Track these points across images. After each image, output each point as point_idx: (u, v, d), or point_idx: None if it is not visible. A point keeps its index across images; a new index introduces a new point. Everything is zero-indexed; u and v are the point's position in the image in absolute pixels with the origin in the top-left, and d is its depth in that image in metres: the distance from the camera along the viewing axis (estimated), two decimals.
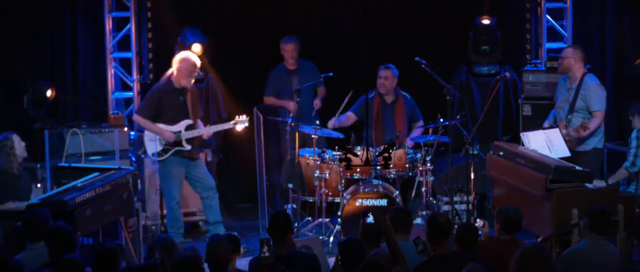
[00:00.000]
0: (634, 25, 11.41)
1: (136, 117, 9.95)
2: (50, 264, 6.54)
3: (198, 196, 10.43)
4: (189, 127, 9.77)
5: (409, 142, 10.38)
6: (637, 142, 8.99)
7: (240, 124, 9.84)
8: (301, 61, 10.98)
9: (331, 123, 10.49)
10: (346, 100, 10.23)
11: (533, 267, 5.60)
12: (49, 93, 10.92)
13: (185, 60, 9.73)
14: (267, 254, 6.55)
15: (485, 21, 11.14)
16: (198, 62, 9.83)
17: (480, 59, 11.32)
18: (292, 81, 10.73)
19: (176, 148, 9.73)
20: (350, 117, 10.70)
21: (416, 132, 10.59)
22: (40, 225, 6.94)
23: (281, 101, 10.84)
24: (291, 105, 10.54)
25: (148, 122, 9.75)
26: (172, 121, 9.74)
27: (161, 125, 9.73)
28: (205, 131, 9.83)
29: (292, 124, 10.19)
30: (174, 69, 9.78)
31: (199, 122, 9.95)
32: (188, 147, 9.75)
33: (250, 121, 10.03)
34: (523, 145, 9.21)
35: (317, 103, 10.88)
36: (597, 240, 6.96)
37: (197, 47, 10.81)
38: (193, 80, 9.85)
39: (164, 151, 9.74)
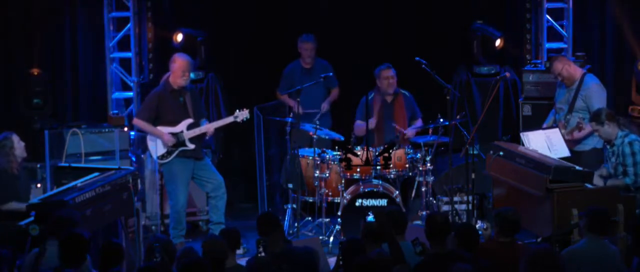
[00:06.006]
0: (633, 25, 11.41)
1: (136, 121, 9.93)
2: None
3: (198, 196, 10.45)
4: (190, 127, 9.76)
5: (409, 132, 10.36)
6: (633, 159, 8.84)
7: (241, 117, 9.81)
8: (317, 60, 10.96)
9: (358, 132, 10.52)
10: None
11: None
12: (35, 71, 10.95)
13: (175, 61, 9.73)
14: (262, 254, 6.65)
15: (498, 42, 11.17)
16: (189, 60, 9.80)
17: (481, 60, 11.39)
18: (305, 80, 10.70)
19: (180, 148, 9.72)
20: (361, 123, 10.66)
21: (414, 128, 10.53)
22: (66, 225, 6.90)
23: (291, 100, 10.79)
24: (295, 105, 10.52)
25: (148, 125, 9.74)
26: (174, 122, 9.74)
27: (161, 128, 9.72)
28: (207, 128, 9.82)
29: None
30: (170, 71, 9.80)
31: (204, 121, 9.93)
32: (192, 146, 9.74)
33: (250, 121, 10.02)
34: (523, 145, 9.21)
35: (324, 106, 10.85)
36: (596, 240, 6.96)
37: (179, 36, 10.88)
38: (189, 79, 9.81)
39: (168, 152, 9.72)
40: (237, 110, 9.81)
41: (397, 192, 9.89)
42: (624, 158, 8.78)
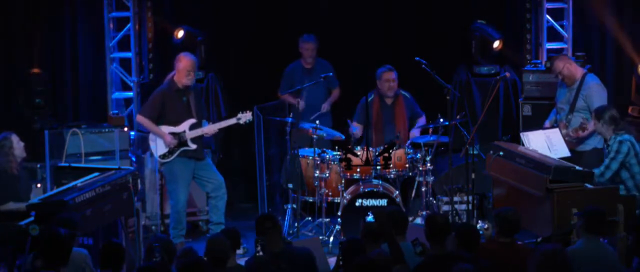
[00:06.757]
0: (634, 25, 11.40)
1: (139, 118, 9.93)
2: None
3: (198, 196, 10.44)
4: (193, 127, 9.76)
5: (412, 133, 10.36)
6: (613, 155, 8.85)
7: (244, 119, 9.81)
8: (318, 60, 10.96)
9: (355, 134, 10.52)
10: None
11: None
12: (35, 71, 10.96)
13: (181, 60, 9.73)
14: (261, 253, 6.69)
15: (496, 44, 11.15)
16: (194, 60, 9.80)
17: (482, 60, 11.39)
18: (305, 80, 10.69)
19: (182, 148, 9.72)
20: (359, 126, 10.66)
21: (418, 127, 10.53)
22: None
23: (291, 98, 10.77)
24: (296, 102, 10.52)
25: (151, 123, 9.74)
26: (177, 122, 9.74)
27: (164, 128, 9.71)
28: (209, 129, 9.82)
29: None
30: (174, 70, 9.80)
31: (205, 122, 9.93)
32: (193, 146, 9.74)
33: (250, 121, 10.02)
34: (523, 145, 9.21)
35: (325, 107, 10.85)
36: (593, 240, 6.95)
37: (180, 33, 10.97)
38: (194, 79, 9.82)
39: (170, 152, 9.72)
40: (240, 113, 9.80)
41: (397, 192, 9.89)
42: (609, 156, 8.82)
